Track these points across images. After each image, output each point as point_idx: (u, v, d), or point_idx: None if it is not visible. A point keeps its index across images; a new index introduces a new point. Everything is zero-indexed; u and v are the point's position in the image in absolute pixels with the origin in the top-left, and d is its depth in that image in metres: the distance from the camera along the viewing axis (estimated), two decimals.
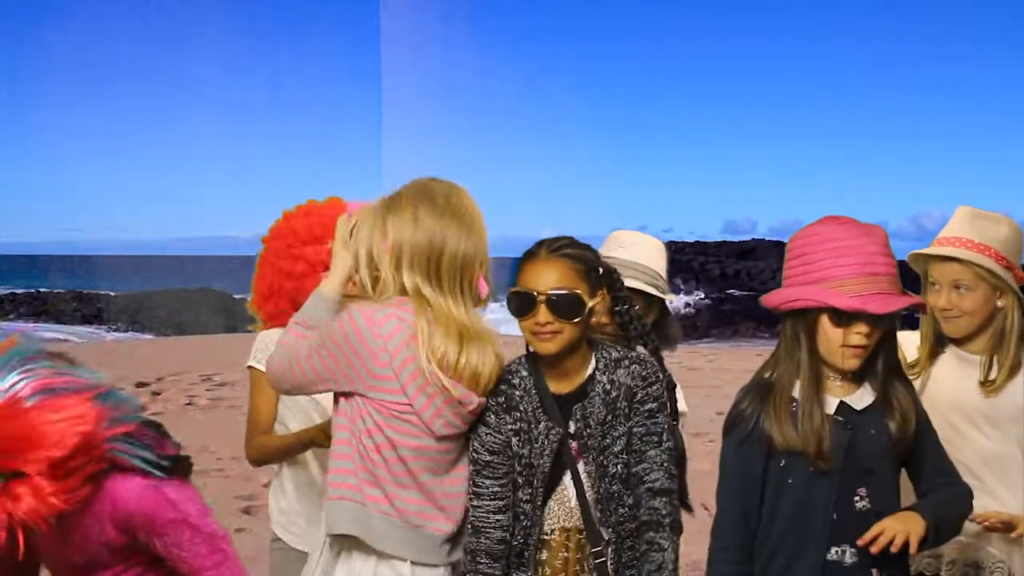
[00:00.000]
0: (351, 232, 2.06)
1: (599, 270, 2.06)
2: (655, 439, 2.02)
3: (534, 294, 1.98)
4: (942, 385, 2.40)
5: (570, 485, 2.03)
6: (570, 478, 2.03)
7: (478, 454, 2.04)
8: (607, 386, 2.03)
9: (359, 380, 1.94)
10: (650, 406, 2.03)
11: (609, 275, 2.10)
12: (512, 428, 2.02)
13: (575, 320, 1.98)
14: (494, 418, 2.03)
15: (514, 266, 2.06)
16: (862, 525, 1.88)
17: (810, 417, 1.90)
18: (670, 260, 2.73)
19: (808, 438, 1.90)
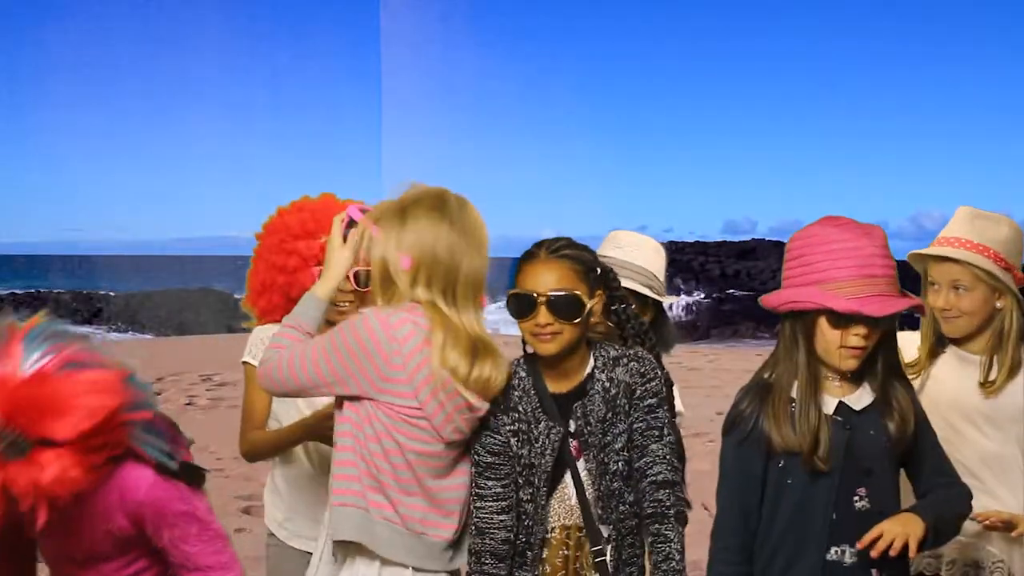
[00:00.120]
0: (361, 237, 2.04)
1: (597, 270, 2.07)
2: (656, 433, 2.03)
3: (534, 296, 1.98)
4: (942, 385, 2.40)
5: (570, 483, 2.04)
6: (570, 476, 2.04)
7: (479, 456, 2.04)
8: (606, 384, 2.04)
9: (369, 383, 1.93)
10: (650, 401, 2.04)
11: (606, 275, 2.10)
12: (511, 429, 2.03)
13: (575, 321, 1.99)
14: (493, 420, 2.04)
15: (513, 266, 2.07)
16: (862, 525, 1.88)
17: (807, 418, 1.91)
18: (670, 260, 2.72)
19: (806, 439, 1.90)
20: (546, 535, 2.04)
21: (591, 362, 2.07)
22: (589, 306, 2.01)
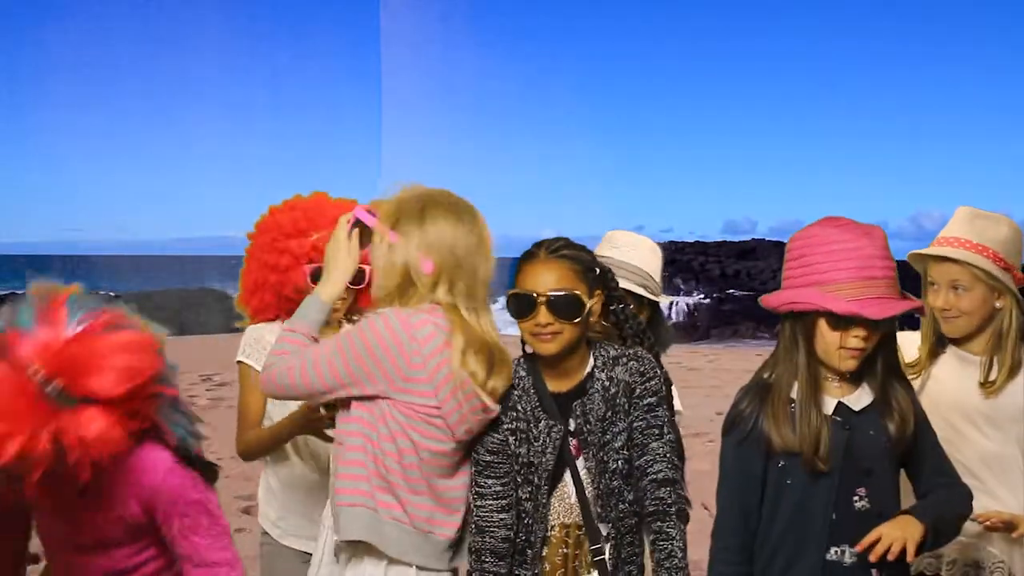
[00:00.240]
0: (378, 241, 2.02)
1: (596, 270, 2.08)
2: (656, 432, 2.04)
3: (534, 296, 1.99)
4: (942, 385, 2.40)
5: (570, 482, 2.05)
6: (569, 475, 2.04)
7: (479, 455, 2.05)
8: (606, 383, 2.05)
9: (388, 382, 1.94)
10: (649, 400, 2.05)
11: (605, 275, 2.12)
12: (508, 427, 2.04)
13: (575, 320, 2.00)
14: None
15: (513, 266, 2.08)
16: (861, 525, 1.89)
17: (807, 419, 1.91)
18: (670, 260, 2.73)
19: (806, 440, 1.90)
20: (546, 533, 2.05)
21: (591, 361, 2.08)
22: (588, 306, 2.02)
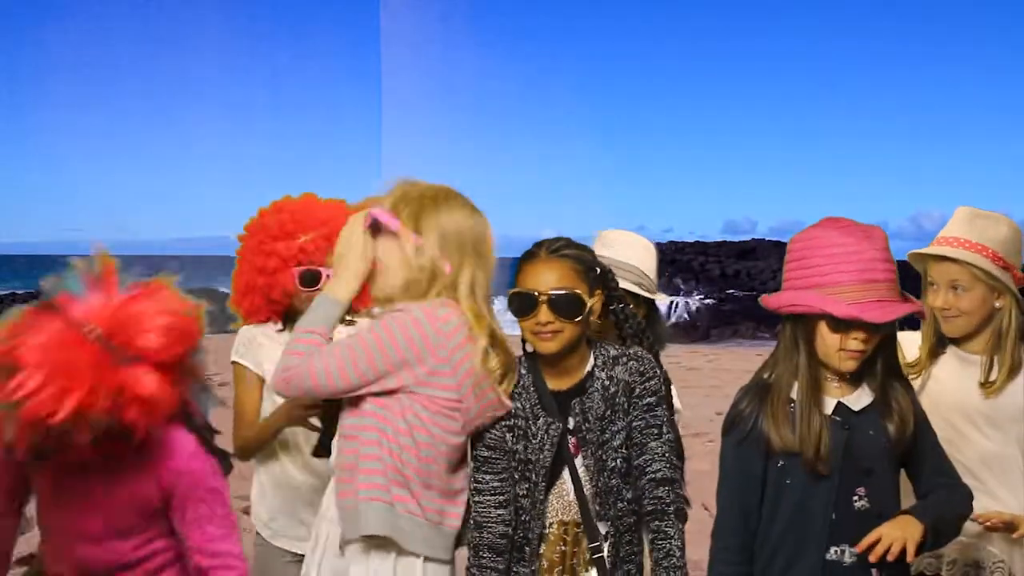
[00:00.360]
0: (402, 240, 2.01)
1: (596, 270, 2.09)
2: (655, 431, 2.05)
3: (535, 294, 2.00)
4: (942, 386, 2.40)
5: (568, 480, 2.06)
6: (568, 473, 2.05)
7: (477, 450, 2.07)
8: (605, 382, 2.06)
9: (413, 376, 1.94)
10: (649, 400, 2.06)
11: (605, 275, 2.12)
12: (507, 424, 2.05)
13: (576, 319, 2.00)
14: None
15: (513, 266, 2.08)
16: (861, 525, 1.89)
17: (808, 422, 1.91)
18: (670, 260, 2.73)
19: (806, 442, 1.90)
20: (544, 530, 2.06)
21: (591, 360, 2.09)
22: (589, 305, 2.03)
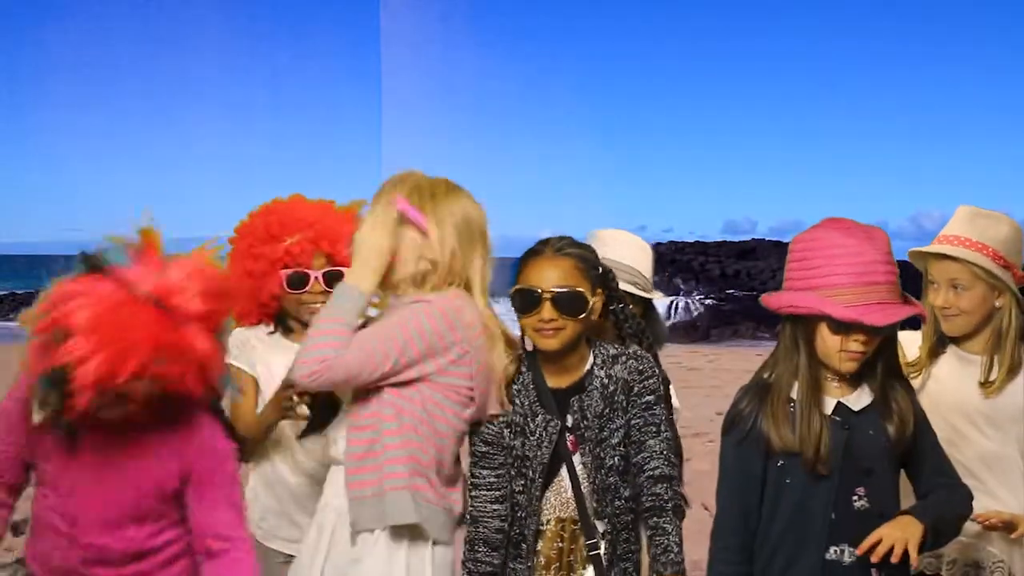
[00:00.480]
0: (417, 230, 2.02)
1: (599, 269, 2.10)
2: (653, 429, 2.06)
3: (538, 291, 2.01)
4: (942, 385, 2.40)
5: (566, 477, 2.07)
6: (566, 470, 2.06)
7: (475, 445, 2.09)
8: (605, 380, 2.07)
9: (436, 366, 1.97)
10: (647, 399, 2.07)
11: (606, 274, 2.13)
12: (505, 420, 2.07)
13: (579, 317, 2.02)
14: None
15: (514, 266, 2.09)
16: (861, 524, 1.89)
17: (808, 422, 1.91)
18: (670, 260, 2.73)
19: (806, 442, 1.90)
20: (540, 527, 2.07)
21: (590, 359, 2.10)
22: (592, 303, 2.04)
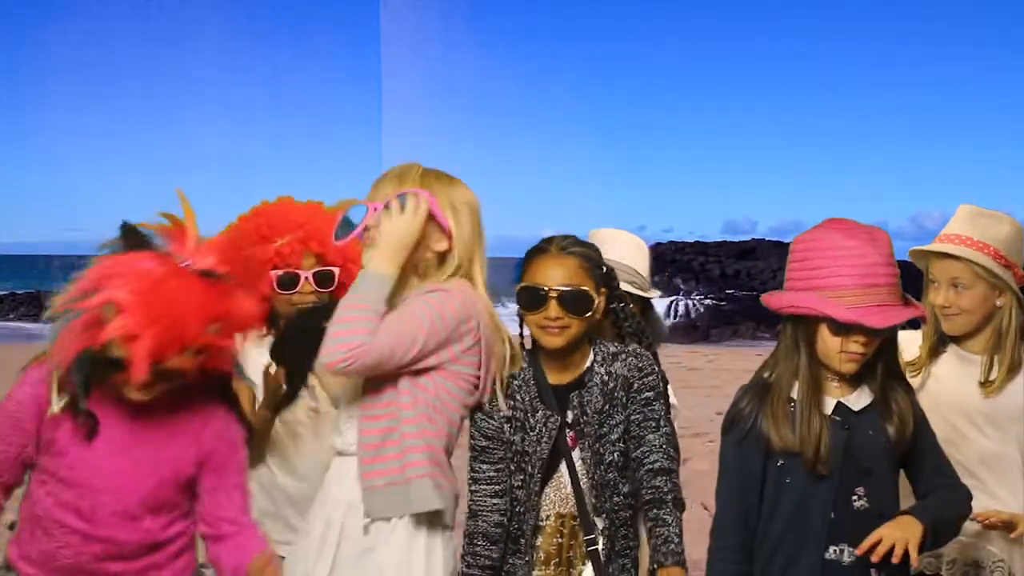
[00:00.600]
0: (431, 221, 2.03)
1: (603, 268, 2.12)
2: (653, 424, 2.07)
3: (544, 289, 2.02)
4: (942, 385, 2.40)
5: (565, 472, 2.08)
6: (565, 466, 2.08)
7: (474, 440, 2.11)
8: (604, 377, 2.08)
9: (450, 353, 1.99)
10: (647, 395, 2.09)
11: (609, 273, 2.15)
12: (505, 415, 2.08)
13: (584, 316, 2.03)
14: (488, 405, 2.09)
15: (517, 266, 2.11)
16: (860, 524, 1.89)
17: (808, 422, 1.91)
18: (670, 260, 2.75)
19: (806, 442, 1.90)
20: (539, 522, 2.08)
21: (591, 356, 2.11)
22: (597, 302, 2.06)
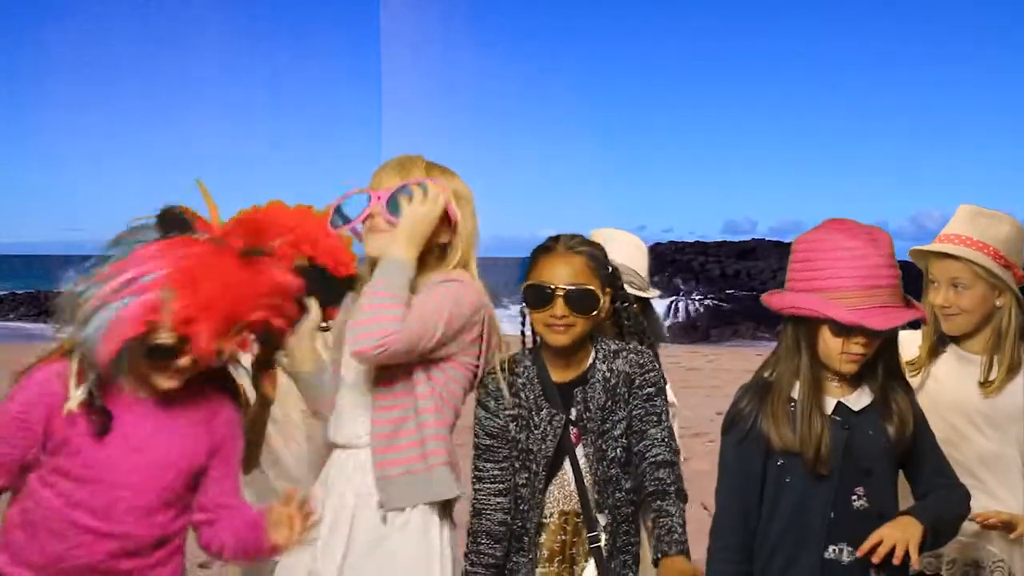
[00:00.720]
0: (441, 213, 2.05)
1: (607, 267, 2.13)
2: (655, 419, 2.09)
3: (551, 288, 2.04)
4: (942, 385, 2.40)
5: (569, 470, 2.09)
6: (569, 463, 2.09)
7: (478, 438, 2.12)
8: (606, 374, 2.10)
9: (459, 343, 2.02)
10: (648, 390, 2.10)
11: (614, 273, 2.16)
12: (510, 414, 2.09)
13: (590, 314, 2.05)
14: (493, 403, 2.10)
15: (519, 266, 2.12)
16: (860, 524, 1.89)
17: (809, 422, 1.91)
18: (670, 260, 2.76)
19: (807, 442, 1.90)
20: (543, 520, 2.09)
21: (592, 353, 2.12)
22: (603, 301, 2.07)
